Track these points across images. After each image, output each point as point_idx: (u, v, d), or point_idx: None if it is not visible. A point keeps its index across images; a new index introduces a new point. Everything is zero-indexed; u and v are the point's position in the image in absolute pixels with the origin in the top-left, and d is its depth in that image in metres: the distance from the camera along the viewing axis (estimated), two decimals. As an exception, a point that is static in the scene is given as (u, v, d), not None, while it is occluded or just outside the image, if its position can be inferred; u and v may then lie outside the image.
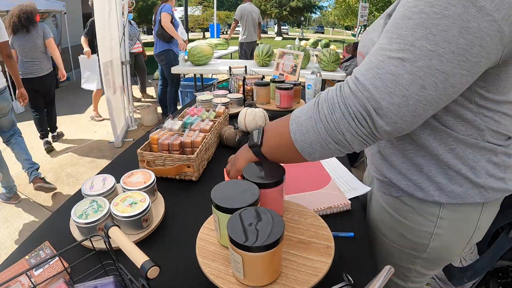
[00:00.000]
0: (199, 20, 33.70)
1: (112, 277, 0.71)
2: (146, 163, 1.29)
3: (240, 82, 2.43)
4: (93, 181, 1.12)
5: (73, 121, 6.31)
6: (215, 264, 0.78)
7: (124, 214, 0.94)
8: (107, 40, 4.55)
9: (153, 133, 1.38)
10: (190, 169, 1.27)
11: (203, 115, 1.67)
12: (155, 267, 0.58)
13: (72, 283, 0.72)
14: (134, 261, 0.60)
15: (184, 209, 1.14)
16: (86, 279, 0.75)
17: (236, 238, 0.66)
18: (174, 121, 1.54)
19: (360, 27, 11.69)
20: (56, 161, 4.52)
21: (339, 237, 0.97)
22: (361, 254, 0.94)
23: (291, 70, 2.50)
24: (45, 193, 3.64)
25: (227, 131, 1.59)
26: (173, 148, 1.32)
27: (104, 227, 0.69)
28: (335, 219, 1.08)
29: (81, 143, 5.15)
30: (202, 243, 0.85)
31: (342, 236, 0.98)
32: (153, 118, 5.71)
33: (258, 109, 1.51)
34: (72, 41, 10.88)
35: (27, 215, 3.35)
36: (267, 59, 4.49)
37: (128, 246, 0.62)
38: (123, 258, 0.67)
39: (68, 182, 3.96)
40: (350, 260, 0.91)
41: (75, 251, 0.83)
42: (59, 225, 1.06)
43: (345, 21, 25.68)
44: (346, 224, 1.06)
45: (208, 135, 1.44)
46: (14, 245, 2.88)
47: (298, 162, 0.85)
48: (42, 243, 0.94)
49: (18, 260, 0.88)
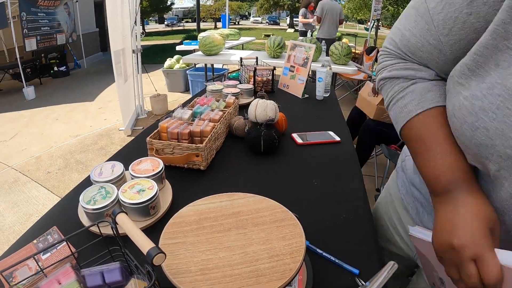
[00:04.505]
0: (211, 10, 33.60)
1: (118, 262, 0.71)
2: (155, 151, 1.29)
3: (251, 73, 2.43)
4: (102, 168, 1.12)
5: (83, 108, 6.35)
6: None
7: (132, 201, 0.95)
8: (119, 28, 4.55)
9: (163, 122, 1.38)
10: (198, 158, 1.26)
11: (213, 104, 1.66)
12: (160, 254, 0.57)
13: (78, 267, 0.72)
14: (141, 247, 0.59)
15: (192, 197, 1.13)
16: (93, 264, 0.76)
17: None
18: (184, 110, 1.53)
19: (373, 22, 11.55)
20: (66, 148, 4.55)
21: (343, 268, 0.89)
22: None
23: (303, 63, 2.48)
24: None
25: (237, 122, 1.59)
26: (182, 137, 1.32)
27: (111, 213, 0.68)
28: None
29: (90, 130, 5.17)
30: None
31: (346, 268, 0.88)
32: (163, 107, 5.70)
33: (270, 101, 1.50)
34: (84, 29, 10.93)
35: (35, 201, 3.38)
36: (278, 50, 4.45)
37: (135, 233, 0.62)
38: (129, 244, 0.67)
39: (77, 168, 3.98)
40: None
41: (82, 236, 0.83)
42: (68, 211, 1.07)
43: (359, 15, 25.40)
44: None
45: (218, 125, 1.43)
46: (22, 230, 2.91)
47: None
48: (50, 227, 0.94)
49: (26, 244, 0.89)
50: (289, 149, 1.54)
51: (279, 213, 0.84)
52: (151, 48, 15.34)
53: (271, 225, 0.80)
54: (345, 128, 1.81)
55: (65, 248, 0.84)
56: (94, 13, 12.17)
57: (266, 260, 0.70)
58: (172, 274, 0.66)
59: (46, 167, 4.01)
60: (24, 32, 7.69)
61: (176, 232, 0.78)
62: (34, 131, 5.23)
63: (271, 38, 4.49)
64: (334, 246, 0.94)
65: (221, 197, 0.91)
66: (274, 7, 36.61)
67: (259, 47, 12.98)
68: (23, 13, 7.54)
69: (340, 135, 1.67)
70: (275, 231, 0.78)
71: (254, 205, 0.88)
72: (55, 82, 8.95)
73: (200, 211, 0.86)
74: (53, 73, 9.33)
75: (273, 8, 37.23)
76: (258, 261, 0.70)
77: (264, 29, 32.17)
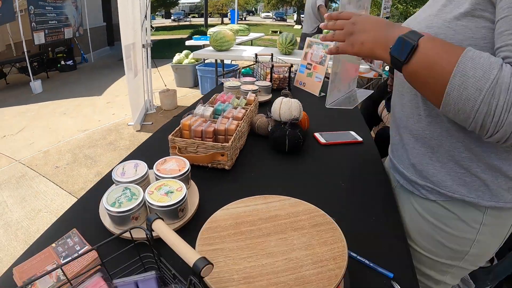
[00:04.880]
0: (218, 5, 33.54)
1: (154, 272, 0.67)
2: (177, 150, 1.24)
3: (267, 69, 2.38)
4: (124, 167, 1.06)
5: (91, 103, 6.32)
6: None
7: (161, 204, 0.89)
8: (129, 23, 4.50)
9: (185, 119, 1.33)
10: (223, 157, 1.21)
11: (234, 101, 1.62)
12: (209, 265, 0.53)
13: (109, 277, 0.67)
14: (185, 258, 0.54)
15: (218, 198, 1.09)
16: (122, 272, 0.71)
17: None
18: (206, 107, 1.48)
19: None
20: (74, 142, 4.52)
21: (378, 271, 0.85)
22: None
23: (320, 60, 2.42)
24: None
25: (259, 120, 1.54)
26: (207, 135, 1.27)
27: (146, 220, 0.63)
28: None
29: (99, 125, 5.14)
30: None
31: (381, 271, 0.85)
32: (172, 102, 5.66)
33: (294, 100, 1.45)
34: (91, 23, 10.92)
35: (44, 195, 3.35)
36: (290, 47, 4.39)
37: (177, 242, 0.57)
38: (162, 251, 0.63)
39: (86, 163, 3.95)
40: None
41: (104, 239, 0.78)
42: (87, 212, 1.02)
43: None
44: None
45: (241, 123, 1.38)
46: (30, 225, 2.89)
47: (429, 98, 0.77)
48: (68, 229, 0.89)
49: (44, 246, 0.83)
50: (312, 149, 1.49)
51: (318, 216, 0.81)
52: (158, 43, 15.31)
53: (311, 229, 0.77)
54: (365, 128, 1.76)
55: (90, 252, 0.79)
56: (101, 8, 12.15)
57: (310, 267, 0.67)
58: (214, 284, 0.62)
59: (54, 162, 3.98)
60: (32, 25, 7.67)
61: (213, 238, 0.74)
62: (41, 125, 5.21)
63: (282, 35, 4.43)
64: (366, 249, 0.90)
65: (255, 199, 0.87)
66: (281, 3, 36.50)
67: (267, 43, 12.88)
68: (31, 6, 7.52)
69: (361, 135, 1.62)
70: (316, 236, 0.75)
71: (290, 209, 0.84)
72: (62, 76, 8.94)
73: (236, 215, 0.81)
74: (60, 67, 9.32)
75: (280, 4, 37.13)
76: (303, 267, 0.67)
77: (271, 25, 32.08)
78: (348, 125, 1.75)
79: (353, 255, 0.87)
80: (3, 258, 2.52)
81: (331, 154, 1.46)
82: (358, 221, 1.03)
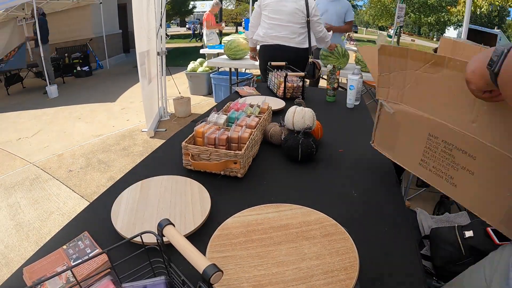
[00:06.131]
0: (232, 14, 33.76)
1: (164, 277, 0.67)
2: (190, 157, 1.24)
3: (281, 78, 2.38)
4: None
5: (105, 108, 6.38)
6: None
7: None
8: (144, 30, 4.55)
9: (198, 126, 1.33)
10: (236, 165, 1.21)
11: (247, 110, 1.62)
12: (219, 272, 0.53)
13: (118, 281, 0.67)
14: (195, 265, 0.54)
15: (230, 206, 1.08)
16: (131, 276, 0.71)
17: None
18: (219, 115, 1.49)
19: (396, 28, 11.45)
20: (88, 147, 4.56)
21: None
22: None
23: (333, 69, 2.42)
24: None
25: (273, 128, 1.54)
26: (220, 143, 1.27)
27: (158, 225, 0.63)
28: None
29: (113, 130, 5.18)
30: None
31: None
32: (186, 109, 5.69)
33: (308, 109, 1.45)
34: (107, 30, 11.07)
35: (56, 198, 3.37)
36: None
37: (188, 248, 0.57)
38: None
39: (99, 168, 3.97)
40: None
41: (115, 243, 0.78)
42: (98, 215, 1.03)
43: (380, 21, 25.25)
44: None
45: (255, 131, 1.38)
46: (42, 227, 2.91)
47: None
48: (79, 231, 0.90)
49: (55, 248, 0.84)
50: (325, 158, 1.48)
51: (329, 226, 0.81)
52: (173, 51, 15.44)
53: (322, 239, 0.77)
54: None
55: (100, 256, 0.80)
56: (117, 15, 12.32)
57: (321, 277, 0.66)
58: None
59: (68, 165, 4.02)
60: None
61: (224, 245, 0.74)
62: (56, 129, 5.27)
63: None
64: (377, 260, 0.89)
65: (267, 208, 0.87)
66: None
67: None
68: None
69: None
70: (327, 246, 0.75)
71: (302, 218, 0.84)
72: (78, 81, 9.07)
73: (247, 222, 0.81)
74: (76, 73, 9.48)
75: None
76: (313, 277, 0.66)
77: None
78: (363, 136, 1.73)
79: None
80: (13, 258, 2.54)
81: (344, 163, 1.45)
82: (370, 231, 1.02)
